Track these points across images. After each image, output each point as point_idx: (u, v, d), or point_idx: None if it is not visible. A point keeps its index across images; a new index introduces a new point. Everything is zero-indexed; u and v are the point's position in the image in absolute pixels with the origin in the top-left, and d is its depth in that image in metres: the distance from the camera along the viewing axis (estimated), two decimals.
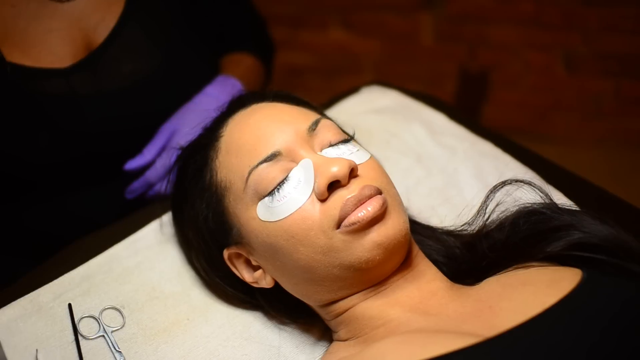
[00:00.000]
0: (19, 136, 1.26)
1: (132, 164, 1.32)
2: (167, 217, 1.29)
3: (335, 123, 1.11)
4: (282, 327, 1.16)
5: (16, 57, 1.25)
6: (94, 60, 1.30)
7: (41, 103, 1.27)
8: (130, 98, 1.33)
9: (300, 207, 0.99)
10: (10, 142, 1.26)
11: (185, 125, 1.29)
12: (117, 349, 1.10)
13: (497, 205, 1.10)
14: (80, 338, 1.11)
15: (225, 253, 1.10)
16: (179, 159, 1.18)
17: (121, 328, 1.14)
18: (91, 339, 1.11)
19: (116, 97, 1.32)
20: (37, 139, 1.27)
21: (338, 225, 0.97)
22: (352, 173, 1.00)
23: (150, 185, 1.33)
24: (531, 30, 2.79)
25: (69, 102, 1.28)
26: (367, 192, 0.98)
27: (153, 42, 1.36)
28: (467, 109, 2.91)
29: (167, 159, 1.27)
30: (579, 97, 2.85)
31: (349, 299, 1.03)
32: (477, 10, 2.80)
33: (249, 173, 1.02)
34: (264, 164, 1.02)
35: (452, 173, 1.41)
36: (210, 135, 1.12)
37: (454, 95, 2.92)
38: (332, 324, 1.08)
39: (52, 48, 1.28)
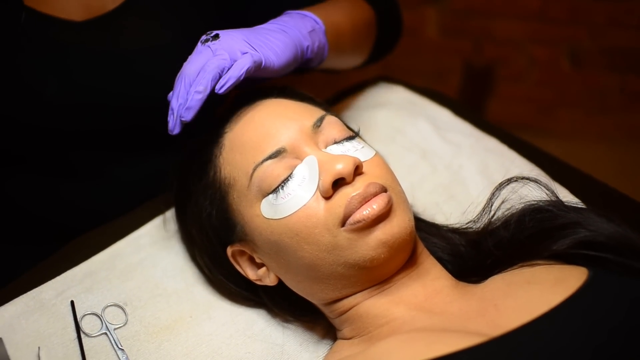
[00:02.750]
0: (26, 82, 1.25)
1: None
2: (170, 213, 1.28)
3: (340, 119, 1.11)
4: (285, 325, 1.15)
5: (31, 4, 1.24)
6: (105, 22, 1.27)
7: (51, 50, 1.25)
8: (136, 65, 1.30)
9: (304, 205, 0.98)
10: (17, 88, 1.25)
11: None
12: (120, 347, 1.10)
13: (502, 202, 1.09)
14: (82, 335, 1.10)
15: (229, 250, 1.09)
16: (183, 155, 1.17)
17: (124, 325, 1.13)
18: (94, 336, 1.11)
19: (123, 61, 1.29)
20: (45, 86, 1.25)
21: (343, 223, 0.97)
22: (357, 170, 0.99)
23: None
24: (536, 25, 2.77)
25: (77, 55, 1.26)
26: (372, 189, 0.97)
27: (167, 20, 1.33)
28: (472, 103, 2.89)
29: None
30: (584, 92, 2.84)
31: (353, 297, 1.02)
32: (482, 5, 2.78)
33: (253, 170, 1.02)
34: (269, 161, 1.01)
35: (458, 169, 1.40)
36: (214, 131, 1.12)
37: (458, 89, 2.91)
38: (336, 322, 1.07)
39: (66, 7, 1.26)
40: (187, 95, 1.05)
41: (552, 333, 0.87)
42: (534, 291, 0.95)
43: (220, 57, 1.05)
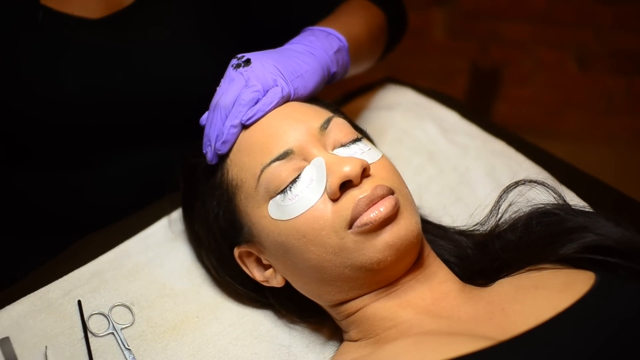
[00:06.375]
0: (45, 80, 1.26)
1: None
2: (175, 214, 1.29)
3: (347, 120, 1.11)
4: (292, 326, 1.15)
5: (48, 2, 1.25)
6: (122, 18, 1.29)
7: (69, 49, 1.26)
8: (155, 61, 1.31)
9: (312, 207, 0.98)
10: (36, 84, 1.26)
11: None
12: (127, 347, 1.10)
13: (509, 205, 1.09)
14: (89, 335, 1.10)
15: (236, 251, 1.10)
16: (190, 156, 1.18)
17: (131, 325, 1.13)
18: (100, 336, 1.11)
19: (143, 56, 1.30)
20: (65, 84, 1.26)
21: (350, 226, 0.97)
22: (365, 173, 0.99)
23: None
24: (543, 27, 2.77)
25: (95, 52, 1.28)
26: (379, 192, 0.97)
27: (182, 16, 1.33)
28: (478, 105, 2.89)
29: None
30: (590, 95, 2.84)
31: (360, 299, 1.02)
32: (489, 6, 2.78)
33: (261, 171, 1.02)
34: (276, 163, 1.01)
35: (464, 172, 1.40)
36: None
37: (465, 91, 2.91)
38: (342, 324, 1.07)
39: (84, 3, 1.27)
40: (222, 128, 1.06)
41: (558, 338, 0.87)
42: (541, 296, 0.95)
43: (253, 89, 1.06)
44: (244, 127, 1.06)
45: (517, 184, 1.09)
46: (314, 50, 1.15)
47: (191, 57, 1.33)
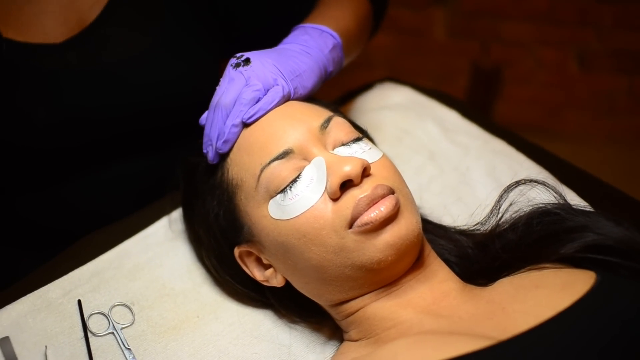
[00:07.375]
0: (15, 112, 1.25)
1: None
2: (176, 214, 1.28)
3: (347, 120, 1.11)
4: (292, 325, 1.15)
5: (11, 34, 1.23)
6: (86, 38, 1.27)
7: (36, 78, 1.25)
8: (121, 76, 1.30)
9: (312, 206, 0.98)
10: (7, 117, 1.25)
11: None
12: (127, 346, 1.10)
13: (510, 205, 1.09)
14: (89, 335, 1.10)
15: (236, 251, 1.09)
16: (191, 155, 1.17)
17: (131, 325, 1.13)
18: (100, 335, 1.11)
19: (108, 74, 1.29)
20: (35, 114, 1.25)
21: (350, 225, 0.97)
22: (365, 172, 0.99)
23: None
24: (544, 27, 2.77)
25: (62, 77, 1.26)
26: (379, 191, 0.97)
27: (145, 22, 1.32)
28: (479, 104, 2.90)
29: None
30: (591, 94, 2.84)
31: (360, 299, 1.02)
32: (490, 6, 2.78)
33: (261, 171, 1.02)
34: (276, 162, 1.01)
35: (465, 171, 1.40)
36: None
37: (466, 91, 2.91)
38: (343, 324, 1.07)
39: (46, 28, 1.26)
40: (224, 127, 1.06)
41: (559, 337, 0.87)
42: (541, 295, 0.95)
43: (254, 88, 1.06)
44: (245, 126, 1.06)
45: (517, 183, 1.09)
46: (310, 50, 1.15)
47: (165, 66, 1.33)
